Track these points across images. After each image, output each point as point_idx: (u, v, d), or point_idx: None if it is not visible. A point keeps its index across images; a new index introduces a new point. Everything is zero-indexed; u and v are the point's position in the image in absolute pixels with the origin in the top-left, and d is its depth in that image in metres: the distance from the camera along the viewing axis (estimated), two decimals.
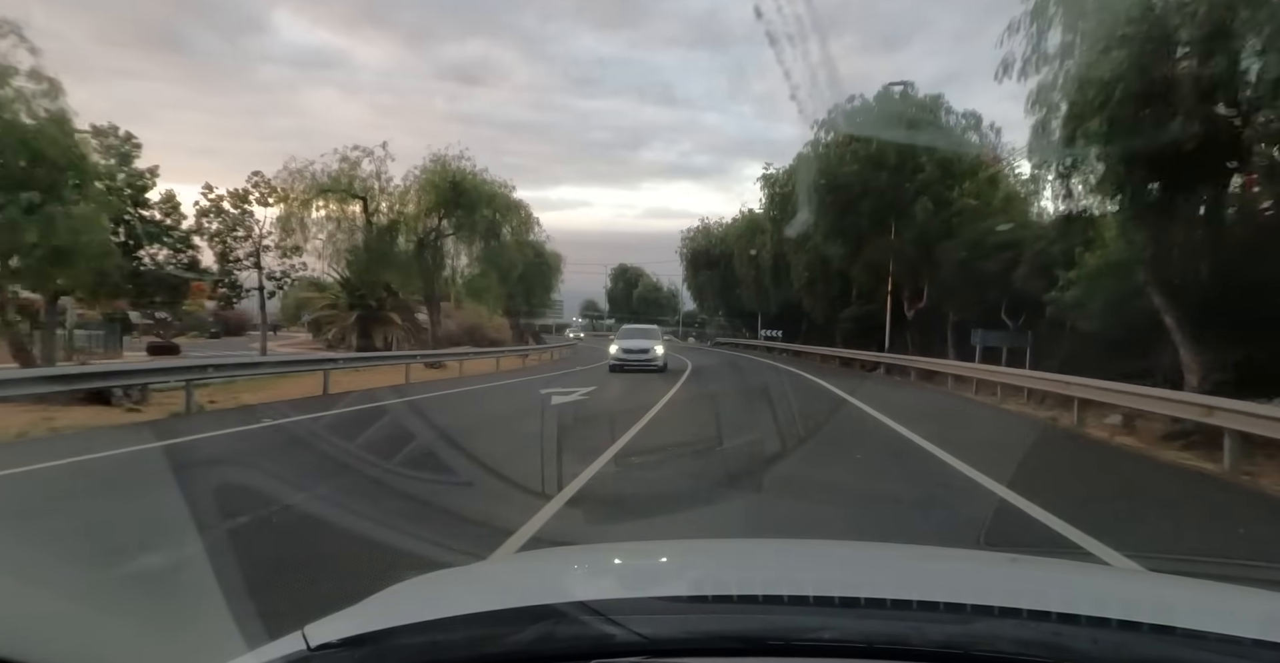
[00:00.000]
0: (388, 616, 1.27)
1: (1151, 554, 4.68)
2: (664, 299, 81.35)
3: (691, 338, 69.99)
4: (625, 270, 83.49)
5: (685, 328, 74.98)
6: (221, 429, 10.21)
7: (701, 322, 71.99)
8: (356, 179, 23.51)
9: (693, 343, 65.93)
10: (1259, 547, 5.70)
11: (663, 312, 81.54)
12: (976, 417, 14.34)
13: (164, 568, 4.23)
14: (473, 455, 7.95)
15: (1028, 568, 1.81)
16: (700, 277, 54.84)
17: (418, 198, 25.41)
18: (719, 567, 1.81)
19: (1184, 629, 1.11)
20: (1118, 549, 4.84)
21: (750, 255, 43.75)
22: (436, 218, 26.13)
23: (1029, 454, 9.23)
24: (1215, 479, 8.38)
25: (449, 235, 27.06)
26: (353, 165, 23.46)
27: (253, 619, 2.82)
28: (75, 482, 7.03)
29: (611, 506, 6.17)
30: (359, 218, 24.16)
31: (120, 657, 2.38)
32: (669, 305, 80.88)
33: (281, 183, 22.63)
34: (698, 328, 72.66)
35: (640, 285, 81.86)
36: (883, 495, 6.91)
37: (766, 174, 37.90)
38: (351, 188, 23.42)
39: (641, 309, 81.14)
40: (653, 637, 1.05)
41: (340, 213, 23.70)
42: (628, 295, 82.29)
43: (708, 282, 54.47)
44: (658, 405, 14.00)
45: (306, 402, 14.05)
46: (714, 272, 52.99)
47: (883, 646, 1.04)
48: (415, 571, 1.76)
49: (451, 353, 24.77)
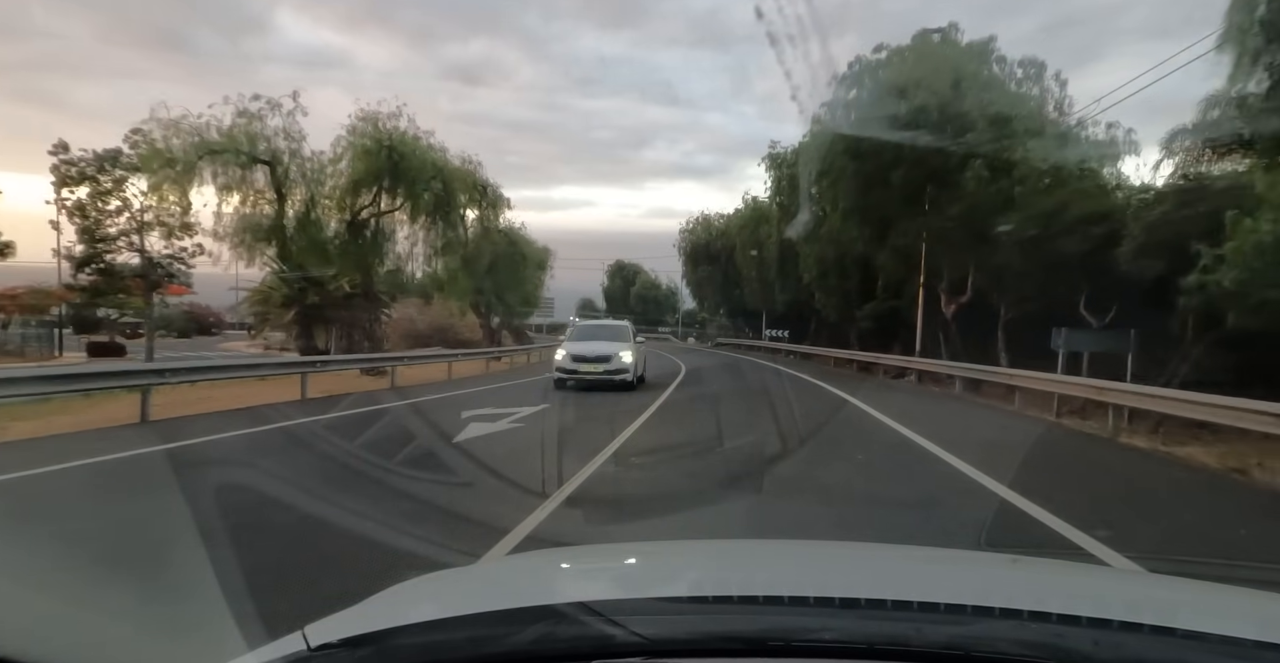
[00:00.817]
0: (388, 616, 1.27)
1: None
2: (662, 297, 76.45)
3: (691, 338, 65.11)
4: (622, 267, 78.63)
5: (685, 328, 70.06)
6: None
7: (702, 321, 67.09)
8: (260, 138, 18.57)
9: (692, 343, 61.17)
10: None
11: (661, 311, 76.68)
12: (1127, 467, 9.04)
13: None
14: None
15: (1028, 569, 1.80)
16: (700, 272, 50.01)
17: (348, 166, 20.54)
18: (719, 567, 1.80)
19: (1185, 630, 1.11)
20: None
21: (754, 249, 39.03)
22: (371, 192, 21.18)
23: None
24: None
25: (389, 213, 22.10)
26: (252, 120, 18.55)
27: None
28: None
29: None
30: (268, 190, 19.22)
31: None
32: (667, 304, 75.98)
33: (156, 139, 17.64)
34: (698, 328, 67.76)
35: (638, 283, 76.92)
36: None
37: (773, 153, 33.09)
38: (252, 149, 18.51)
39: (639, 308, 76.41)
40: (653, 637, 1.04)
41: (240, 181, 18.71)
42: (625, 293, 77.43)
43: (708, 278, 49.65)
44: (623, 437, 9.35)
45: (95, 436, 9.38)
46: (714, 267, 48.21)
47: (883, 647, 1.03)
48: (415, 572, 1.74)
49: (387, 357, 20.02)
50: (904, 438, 9.95)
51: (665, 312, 76.59)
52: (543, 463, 7.48)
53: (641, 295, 75.90)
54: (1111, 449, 10.19)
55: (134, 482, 7.02)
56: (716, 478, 7.28)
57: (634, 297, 76.02)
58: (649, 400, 14.58)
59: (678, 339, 67.36)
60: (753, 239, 38.92)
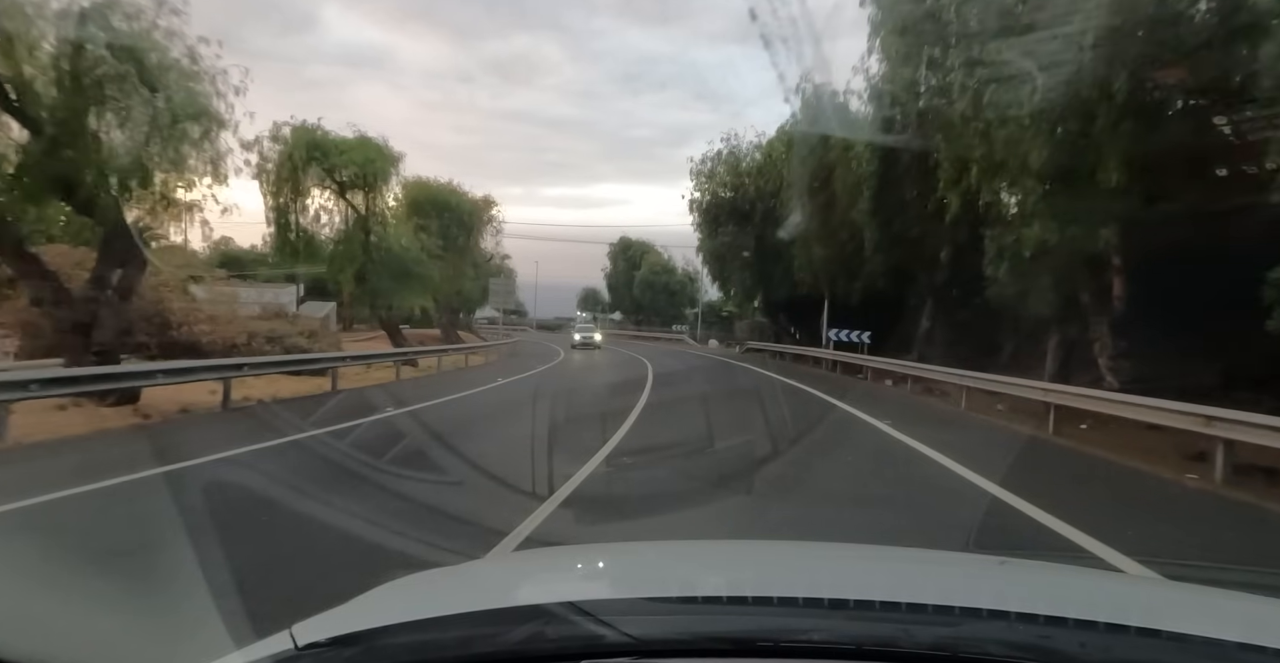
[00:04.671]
0: (376, 615, 1.26)
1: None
2: (676, 285, 58.90)
3: (713, 340, 47.63)
4: (628, 247, 61.37)
5: (705, 329, 52.51)
6: None
7: (727, 316, 49.60)
8: None
9: (714, 347, 43.91)
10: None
11: (676, 302, 59.20)
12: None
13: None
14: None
15: (1016, 571, 1.80)
16: (721, 239, 32.54)
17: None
18: (709, 568, 1.81)
19: (1170, 632, 1.12)
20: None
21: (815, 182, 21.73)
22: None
23: None
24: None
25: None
26: None
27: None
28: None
29: None
30: None
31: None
32: (683, 293, 58.48)
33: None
34: (721, 325, 50.19)
35: (644, 266, 59.37)
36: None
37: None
38: None
39: (646, 298, 59.00)
40: (642, 637, 1.04)
41: None
42: (629, 280, 60.19)
43: (732, 248, 32.28)
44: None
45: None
46: (743, 229, 30.90)
47: (871, 648, 1.04)
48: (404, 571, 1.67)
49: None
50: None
51: (682, 303, 59.24)
52: None
53: (649, 282, 58.25)
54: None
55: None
56: None
57: (639, 283, 58.49)
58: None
59: (695, 341, 49.98)
60: (815, 170, 21.50)
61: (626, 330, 59.80)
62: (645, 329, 57.71)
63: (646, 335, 55.09)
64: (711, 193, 31.62)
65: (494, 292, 39.58)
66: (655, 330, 56.61)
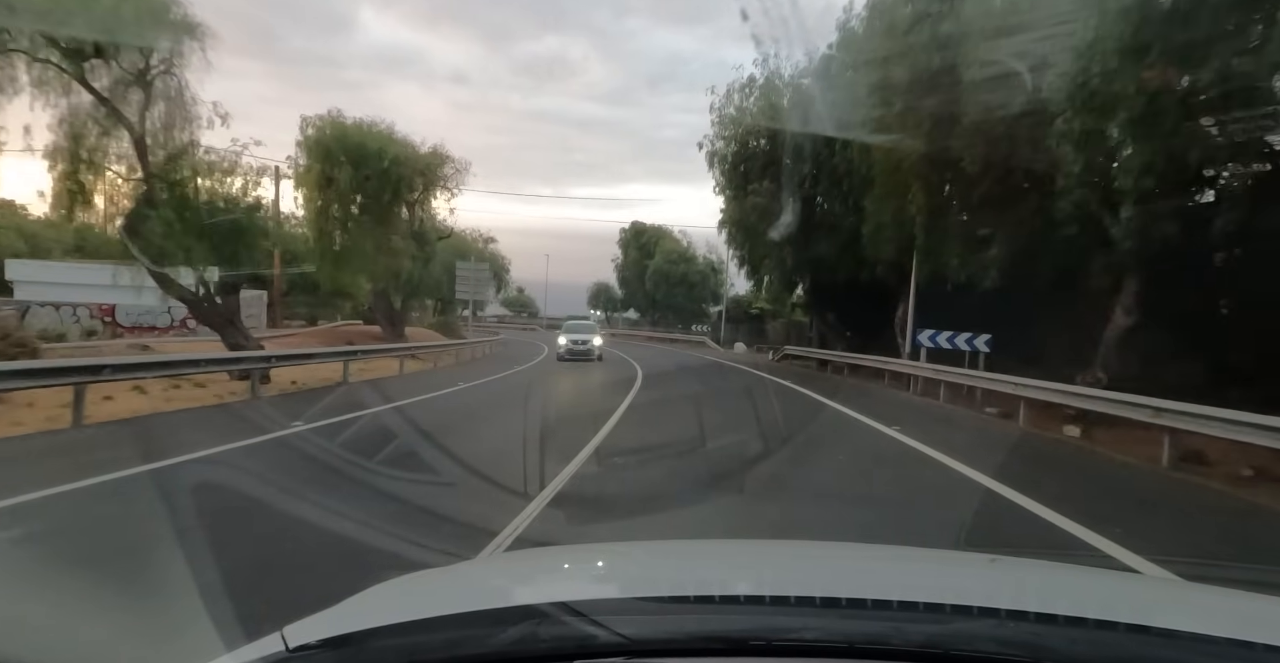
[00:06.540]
0: (367, 616, 1.24)
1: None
2: (696, 275, 49.93)
3: (739, 344, 38.68)
4: (640, 233, 52.63)
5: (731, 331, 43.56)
6: None
7: (758, 314, 40.59)
8: None
9: (741, 353, 35.16)
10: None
11: (695, 295, 50.32)
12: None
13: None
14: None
15: (1007, 569, 1.78)
16: (749, 202, 23.65)
17: None
18: (701, 567, 1.78)
19: (1160, 629, 1.12)
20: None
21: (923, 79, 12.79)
22: None
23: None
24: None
25: None
26: None
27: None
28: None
29: None
30: None
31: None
32: (704, 285, 49.54)
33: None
34: (750, 325, 41.10)
35: (658, 254, 50.40)
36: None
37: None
38: None
39: (660, 292, 50.21)
40: (634, 637, 1.03)
41: None
42: (642, 271, 51.42)
43: (764, 215, 23.31)
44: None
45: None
46: (782, 190, 22.00)
47: (863, 646, 1.03)
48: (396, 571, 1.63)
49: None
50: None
51: (703, 297, 50.41)
52: None
53: (664, 273, 49.25)
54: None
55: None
56: None
57: (652, 274, 49.60)
58: None
59: (717, 344, 41.14)
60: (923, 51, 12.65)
61: (641, 331, 51.28)
62: (661, 330, 49.12)
63: (661, 336, 46.49)
64: (739, 141, 22.76)
65: (461, 279, 31.11)
66: (673, 332, 47.96)
